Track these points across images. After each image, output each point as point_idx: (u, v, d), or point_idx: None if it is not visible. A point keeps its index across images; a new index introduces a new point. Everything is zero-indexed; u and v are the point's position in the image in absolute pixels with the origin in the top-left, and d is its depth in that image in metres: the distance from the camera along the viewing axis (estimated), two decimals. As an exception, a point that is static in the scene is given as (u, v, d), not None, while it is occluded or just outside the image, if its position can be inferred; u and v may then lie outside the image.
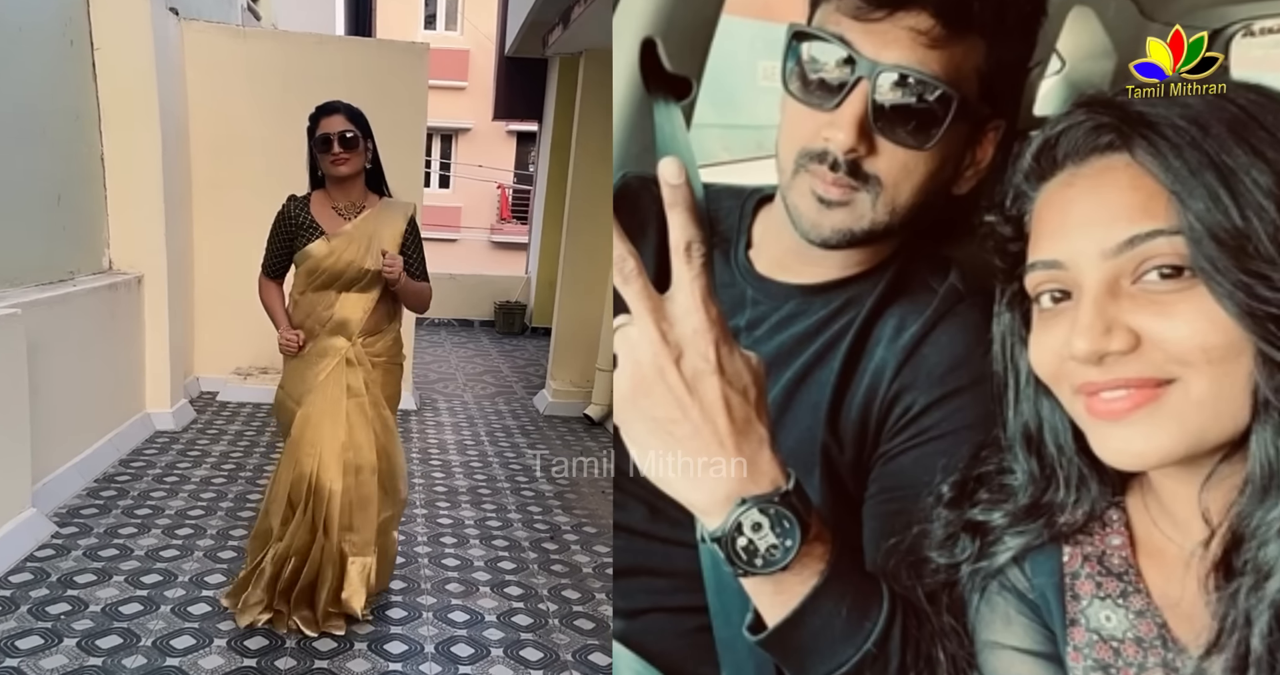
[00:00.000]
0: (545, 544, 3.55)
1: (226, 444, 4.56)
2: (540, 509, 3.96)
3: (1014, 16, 1.02)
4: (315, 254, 2.52)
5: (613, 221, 1.10)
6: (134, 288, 4.53)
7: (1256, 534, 0.79)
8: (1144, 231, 0.80)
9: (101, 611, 2.66)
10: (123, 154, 4.43)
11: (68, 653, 2.41)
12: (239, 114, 5.37)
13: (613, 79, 1.28)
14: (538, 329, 9.28)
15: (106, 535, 3.25)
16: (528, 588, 3.11)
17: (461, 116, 16.99)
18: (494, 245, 17.39)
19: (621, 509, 1.28)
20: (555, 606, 2.97)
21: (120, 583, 2.86)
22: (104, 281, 4.19)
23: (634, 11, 1.24)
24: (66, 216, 4.03)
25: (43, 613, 2.62)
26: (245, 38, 5.55)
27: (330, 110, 2.52)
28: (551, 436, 5.36)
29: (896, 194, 1.06)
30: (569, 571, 3.28)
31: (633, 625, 1.30)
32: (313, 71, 5.35)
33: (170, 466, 4.12)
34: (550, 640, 2.72)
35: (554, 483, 4.38)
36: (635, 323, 0.92)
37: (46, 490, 3.39)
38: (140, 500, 3.64)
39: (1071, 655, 0.92)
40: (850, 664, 0.98)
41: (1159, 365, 0.80)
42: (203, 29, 5.27)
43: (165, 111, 4.60)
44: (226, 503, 3.69)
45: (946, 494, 1.01)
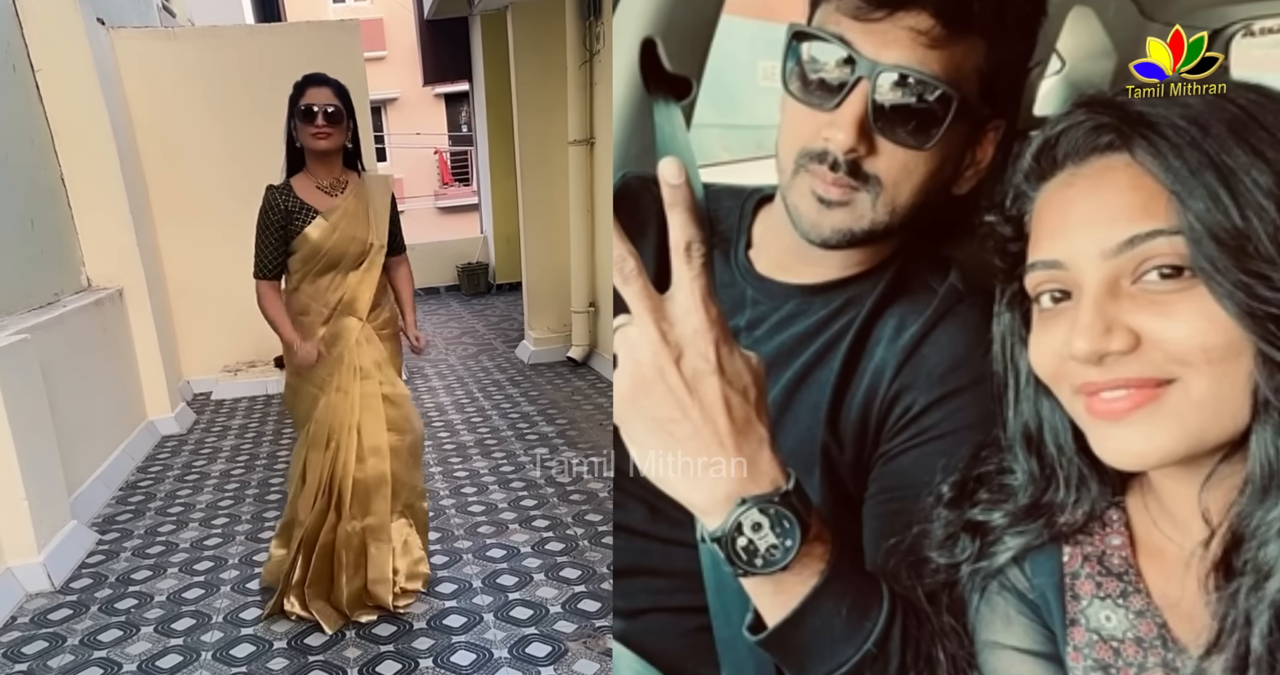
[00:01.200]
0: (559, 478, 3.76)
1: (234, 438, 4.71)
2: (547, 449, 4.20)
3: (1014, 16, 1.02)
4: (315, 236, 2.43)
5: (612, 219, 1.10)
6: (117, 301, 4.61)
7: (1256, 534, 0.79)
8: (1144, 231, 0.80)
9: (168, 599, 2.86)
10: (81, 172, 4.45)
11: (149, 638, 2.61)
12: (183, 114, 5.37)
13: (612, 78, 1.28)
14: (503, 285, 9.44)
15: (148, 535, 3.41)
16: (553, 518, 3.32)
17: (386, 86, 16.79)
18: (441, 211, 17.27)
19: (621, 509, 1.28)
20: (582, 530, 3.21)
21: (176, 573, 3.05)
22: (90, 298, 4.26)
23: (634, 11, 1.23)
24: (41, 240, 4.09)
25: (113, 609, 2.81)
26: (175, 38, 5.54)
27: (317, 81, 2.42)
28: (541, 382, 5.56)
29: (896, 194, 1.06)
30: (587, 498, 3.51)
31: (633, 625, 1.30)
32: (248, 62, 5.35)
33: (187, 466, 4.27)
34: (585, 558, 2.96)
35: (554, 424, 4.61)
36: (635, 323, 0.92)
37: (79, 502, 3.52)
38: (169, 500, 3.80)
39: (1071, 655, 0.92)
40: (850, 664, 0.98)
41: (1159, 365, 0.80)
42: (132, 36, 5.25)
43: (114, 124, 4.61)
44: (252, 490, 3.86)
45: (946, 494, 1.01)
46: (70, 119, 4.37)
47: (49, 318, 3.67)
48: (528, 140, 6.03)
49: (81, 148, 4.42)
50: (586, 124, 5.38)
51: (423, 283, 9.75)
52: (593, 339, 5.83)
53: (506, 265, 9.08)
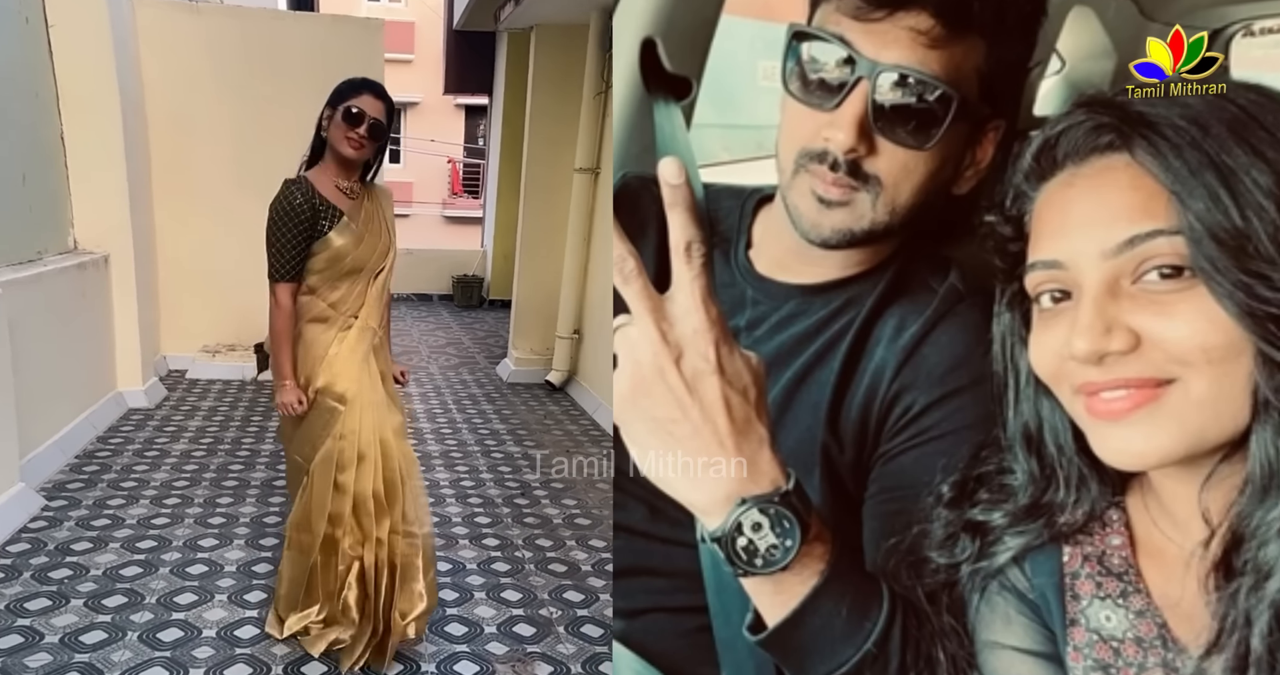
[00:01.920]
0: (517, 500, 3.75)
1: (201, 419, 4.66)
2: (510, 468, 4.18)
3: (1014, 16, 1.02)
4: (343, 238, 2.27)
5: (612, 219, 1.10)
6: (101, 267, 4.53)
7: (1256, 534, 0.79)
8: (1144, 231, 0.80)
9: (103, 574, 2.79)
10: (83, 133, 4.36)
11: (76, 612, 2.54)
12: (196, 90, 5.32)
13: (611, 78, 1.28)
14: (495, 301, 9.42)
15: (96, 507, 3.35)
16: (504, 539, 3.31)
17: (410, 90, 16.73)
18: (447, 220, 17.25)
19: (621, 509, 1.28)
20: (530, 553, 3.20)
21: (117, 548, 2.99)
22: (73, 261, 4.19)
23: (634, 11, 1.23)
24: (32, 196, 3.99)
25: (46, 577, 2.75)
26: (199, 14, 5.50)
27: (376, 92, 2.28)
28: (516, 402, 5.56)
29: (896, 194, 1.06)
30: (541, 522, 3.50)
31: (633, 625, 1.30)
32: (267, 47, 5.31)
33: (149, 442, 4.22)
34: (528, 582, 2.96)
35: (521, 445, 4.61)
36: (635, 323, 0.92)
37: (31, 466, 3.46)
38: (124, 474, 3.77)
39: (1071, 655, 0.92)
40: (850, 664, 0.98)
41: (1159, 365, 0.80)
42: (156, 5, 5.22)
43: (123, 89, 4.55)
44: (209, 474, 3.81)
45: (946, 494, 1.01)
46: (78, 78, 4.30)
47: (26, 275, 3.59)
48: (535, 162, 6.05)
49: (86, 108, 4.35)
50: (594, 153, 5.39)
51: (418, 288, 9.82)
52: (573, 366, 5.84)
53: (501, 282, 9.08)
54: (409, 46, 16.63)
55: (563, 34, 5.72)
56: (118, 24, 4.55)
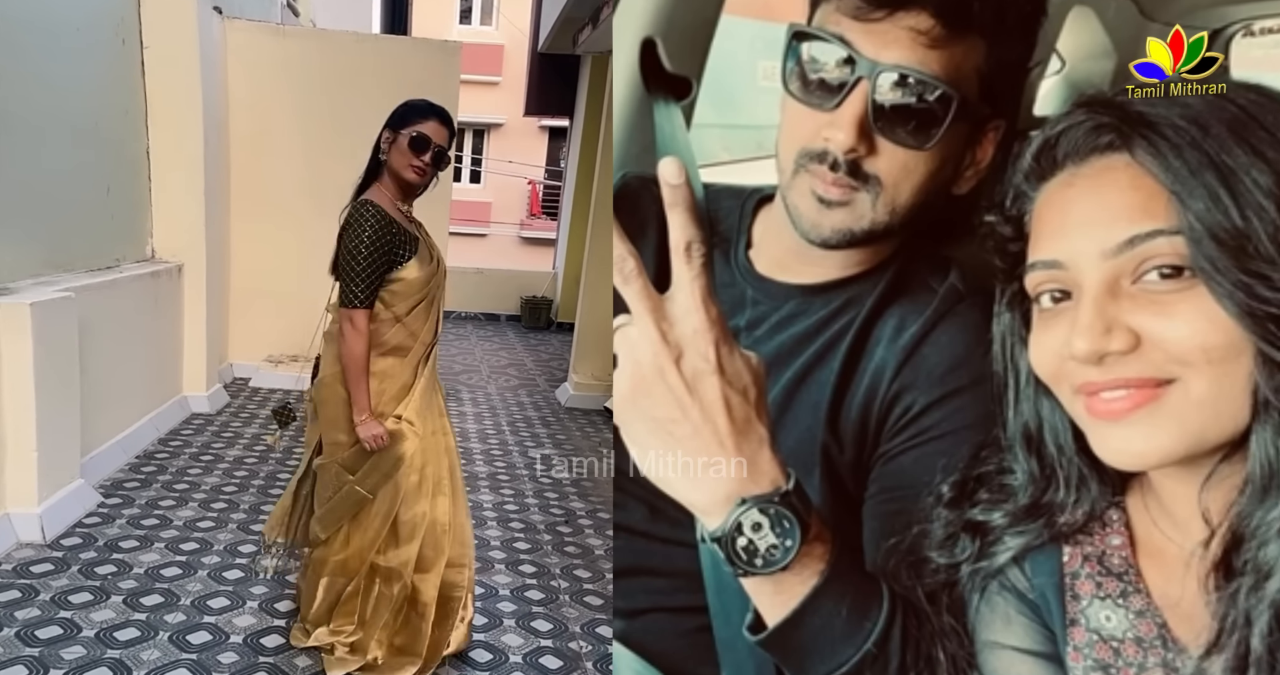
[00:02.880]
0: (560, 527, 3.71)
1: (258, 427, 4.75)
2: (557, 495, 4.14)
3: (1014, 16, 1.02)
4: (423, 265, 2.21)
5: (614, 221, 1.10)
6: (175, 276, 4.74)
7: (1256, 534, 0.79)
8: (1144, 231, 0.80)
9: (145, 573, 2.88)
10: (167, 148, 4.61)
11: (115, 608, 2.63)
12: (276, 110, 5.52)
13: (613, 78, 1.28)
14: (563, 324, 9.33)
15: (148, 506, 3.46)
16: (541, 566, 3.26)
17: (494, 111, 16.99)
18: (523, 241, 17.32)
19: (621, 509, 1.28)
20: (567, 584, 3.14)
21: (161, 549, 3.08)
22: (148, 269, 4.40)
23: (634, 11, 1.23)
24: (114, 206, 4.24)
25: (92, 572, 2.85)
26: (284, 36, 5.69)
27: (442, 117, 2.22)
28: (571, 428, 5.51)
29: (896, 194, 1.06)
30: (582, 552, 3.44)
31: (633, 625, 1.30)
32: (348, 69, 5.48)
33: (205, 446, 4.33)
34: (561, 614, 2.89)
35: (572, 472, 4.55)
36: (635, 323, 0.92)
37: (93, 463, 3.60)
38: (178, 476, 3.85)
39: (1071, 655, 0.92)
40: (850, 664, 0.98)
41: (1159, 365, 0.80)
42: (244, 27, 5.42)
43: (208, 108, 4.78)
44: (258, 481, 3.88)
45: (946, 494, 1.01)
46: (166, 96, 4.55)
47: (101, 280, 3.77)
48: (606, 186, 6.05)
49: (171, 125, 4.59)
50: None
51: (486, 308, 9.77)
52: None
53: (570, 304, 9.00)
54: (496, 69, 16.80)
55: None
56: (207, 46, 4.77)
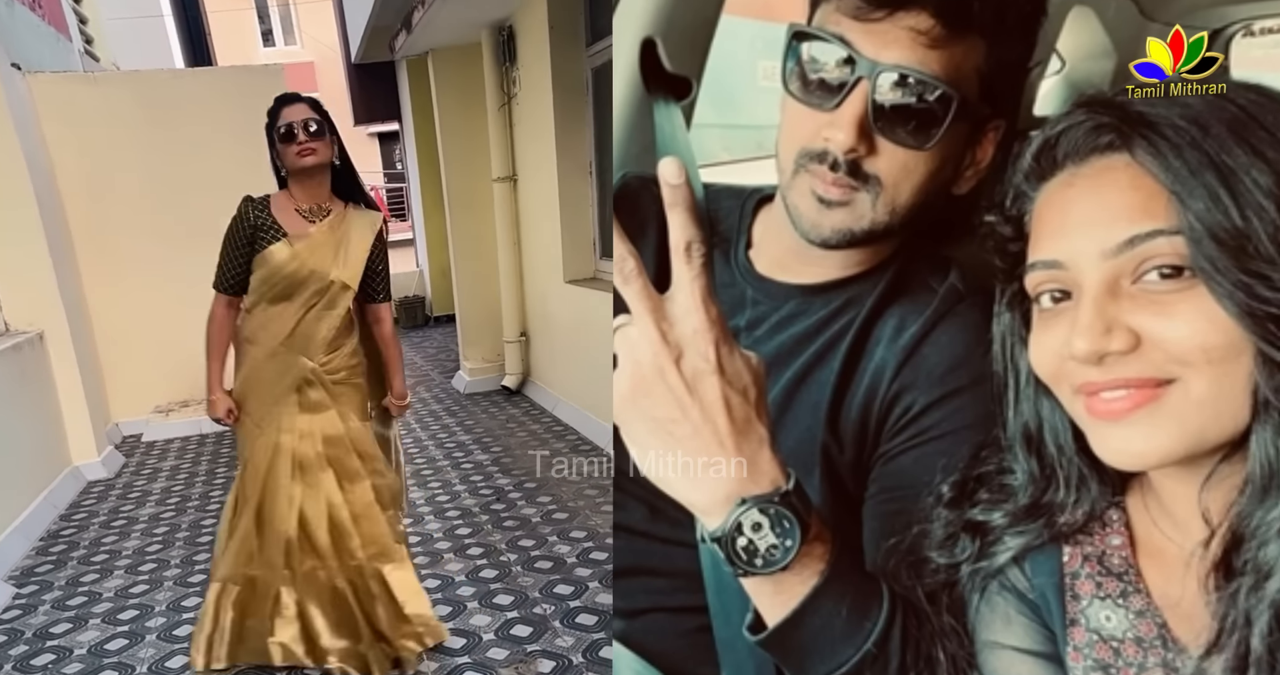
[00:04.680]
0: (493, 505, 3.75)
1: (165, 480, 4.55)
2: (482, 477, 4.19)
3: (1014, 16, 1.02)
4: (275, 258, 2.25)
5: (613, 222, 1.10)
6: (37, 345, 4.50)
7: (1256, 534, 0.79)
8: (1144, 231, 0.80)
9: (88, 652, 2.70)
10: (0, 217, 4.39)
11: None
12: (105, 158, 5.30)
13: (612, 79, 1.28)
14: (440, 317, 9.45)
15: (69, 586, 3.25)
16: (486, 545, 3.31)
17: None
18: None
19: (621, 509, 1.28)
20: (515, 556, 3.20)
21: (98, 624, 2.90)
22: (7, 343, 4.15)
23: (634, 11, 1.23)
24: None
25: (28, 666, 2.65)
26: (96, 83, 5.48)
27: (291, 99, 2.29)
28: (476, 411, 5.59)
29: (896, 194, 1.06)
30: (520, 524, 3.51)
31: (633, 625, 1.30)
32: (171, 106, 5.31)
33: (114, 512, 4.09)
34: (517, 584, 2.95)
35: (489, 451, 4.63)
36: (635, 323, 0.92)
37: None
38: (93, 548, 3.65)
39: (1071, 655, 0.92)
40: (850, 664, 0.98)
41: (1159, 365, 0.80)
42: (50, 80, 5.21)
43: (32, 168, 4.55)
44: (182, 533, 3.72)
45: (946, 494, 1.01)
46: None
47: None
48: (454, 178, 6.21)
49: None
50: (509, 162, 5.56)
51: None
52: (525, 367, 5.94)
53: (442, 298, 9.22)
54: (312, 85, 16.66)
55: (459, 55, 5.91)
56: (15, 106, 4.53)
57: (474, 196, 6.10)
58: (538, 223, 5.33)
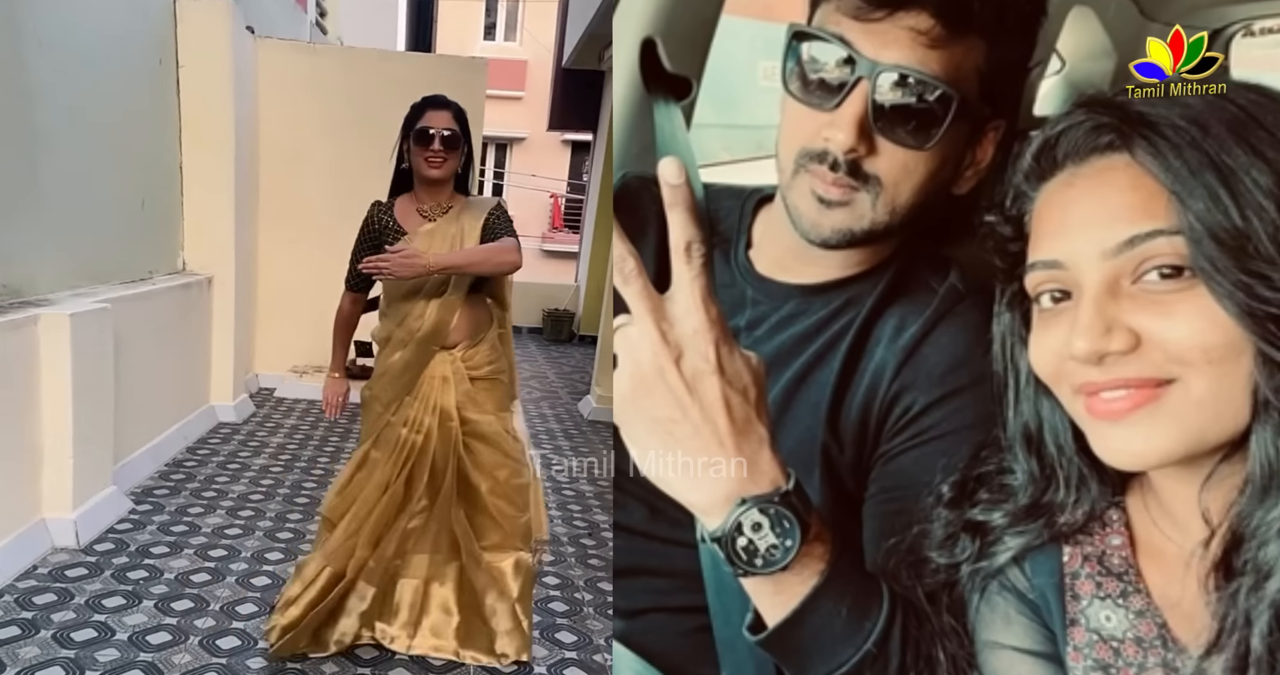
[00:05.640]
0: (583, 539, 3.74)
1: (283, 436, 4.84)
2: (580, 507, 4.18)
3: (1014, 16, 1.02)
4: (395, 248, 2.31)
5: (614, 222, 1.10)
6: (204, 288, 4.87)
7: (1256, 534, 0.79)
8: (1144, 231, 0.80)
9: (175, 579, 2.96)
10: (199, 164, 4.79)
11: (146, 612, 2.71)
12: (306, 126, 5.66)
13: (612, 79, 1.28)
14: (585, 337, 9.37)
15: (177, 514, 3.56)
16: (564, 578, 3.29)
17: (517, 126, 17.03)
18: (545, 254, 17.29)
19: (621, 509, 1.28)
20: (590, 596, 3.16)
21: (190, 555, 3.17)
22: (179, 281, 4.54)
23: (634, 11, 1.23)
24: (148, 221, 4.41)
25: (124, 577, 2.94)
26: (314, 53, 5.85)
27: (438, 104, 2.34)
28: (595, 441, 5.52)
29: (896, 194, 1.06)
30: (605, 565, 3.46)
31: (633, 625, 1.30)
32: (375, 86, 5.60)
33: (232, 455, 4.42)
34: (585, 627, 2.92)
35: (595, 484, 4.56)
36: (635, 323, 0.92)
37: (124, 471, 3.73)
38: (206, 484, 3.96)
39: (1071, 655, 0.92)
40: (850, 664, 0.98)
41: (1159, 365, 0.80)
42: (275, 46, 5.57)
43: (240, 124, 4.94)
44: (283, 490, 3.98)
45: (946, 494, 1.01)
46: (200, 114, 4.72)
47: (135, 293, 3.90)
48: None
49: (204, 142, 4.76)
50: None
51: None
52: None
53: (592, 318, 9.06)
54: (520, 84, 16.85)
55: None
56: (240, 65, 4.92)
57: None
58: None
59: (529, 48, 16.74)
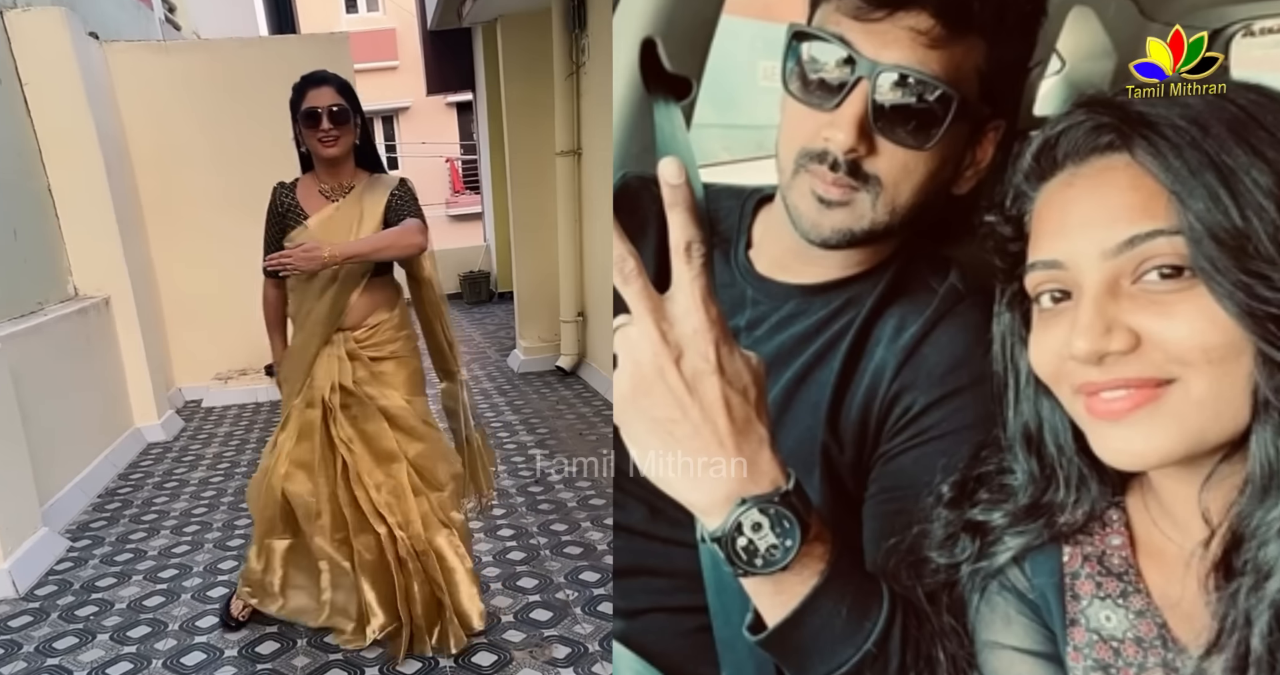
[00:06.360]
0: (530, 488, 3.76)
1: (218, 445, 4.71)
2: (523, 458, 4.21)
3: (1014, 16, 1.02)
4: (295, 242, 2.27)
5: (612, 219, 1.10)
6: (103, 309, 4.64)
7: (1256, 534, 0.79)
8: (1144, 231, 0.80)
9: (127, 607, 2.85)
10: (68, 183, 4.51)
11: (103, 646, 2.60)
12: (176, 127, 5.45)
13: (611, 84, 1.28)
14: (504, 294, 9.35)
15: (119, 543, 3.41)
16: (519, 528, 3.31)
17: (398, 96, 16.85)
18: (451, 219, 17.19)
19: (621, 509, 1.28)
20: (545, 539, 3.20)
21: (140, 581, 3.04)
22: (74, 307, 4.30)
23: (634, 11, 1.23)
24: (25, 250, 4.13)
25: (73, 616, 2.80)
26: (168, 52, 5.63)
27: (318, 81, 2.28)
28: (528, 391, 5.56)
29: (896, 194, 1.06)
30: (555, 507, 3.51)
31: (633, 625, 1.30)
32: (240, 75, 5.44)
33: (168, 474, 4.27)
34: (544, 568, 2.96)
35: (534, 433, 4.60)
36: (635, 323, 0.92)
37: (55, 509, 3.55)
38: (144, 507, 3.80)
39: (1071, 655, 0.92)
40: (850, 664, 0.98)
41: (1159, 365, 0.80)
42: (125, 49, 5.35)
43: (103, 135, 4.68)
44: (227, 498, 3.85)
45: (946, 494, 1.01)
46: (57, 131, 4.44)
47: (25, 327, 3.69)
48: (517, 151, 6.08)
49: (68, 159, 4.48)
50: (574, 135, 5.41)
51: None
52: (581, 348, 5.85)
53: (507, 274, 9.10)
54: (392, 53, 16.71)
55: (528, 21, 5.75)
56: (89, 73, 4.66)
57: (537, 170, 5.93)
58: (601, 199, 5.12)
59: (394, 15, 16.56)
